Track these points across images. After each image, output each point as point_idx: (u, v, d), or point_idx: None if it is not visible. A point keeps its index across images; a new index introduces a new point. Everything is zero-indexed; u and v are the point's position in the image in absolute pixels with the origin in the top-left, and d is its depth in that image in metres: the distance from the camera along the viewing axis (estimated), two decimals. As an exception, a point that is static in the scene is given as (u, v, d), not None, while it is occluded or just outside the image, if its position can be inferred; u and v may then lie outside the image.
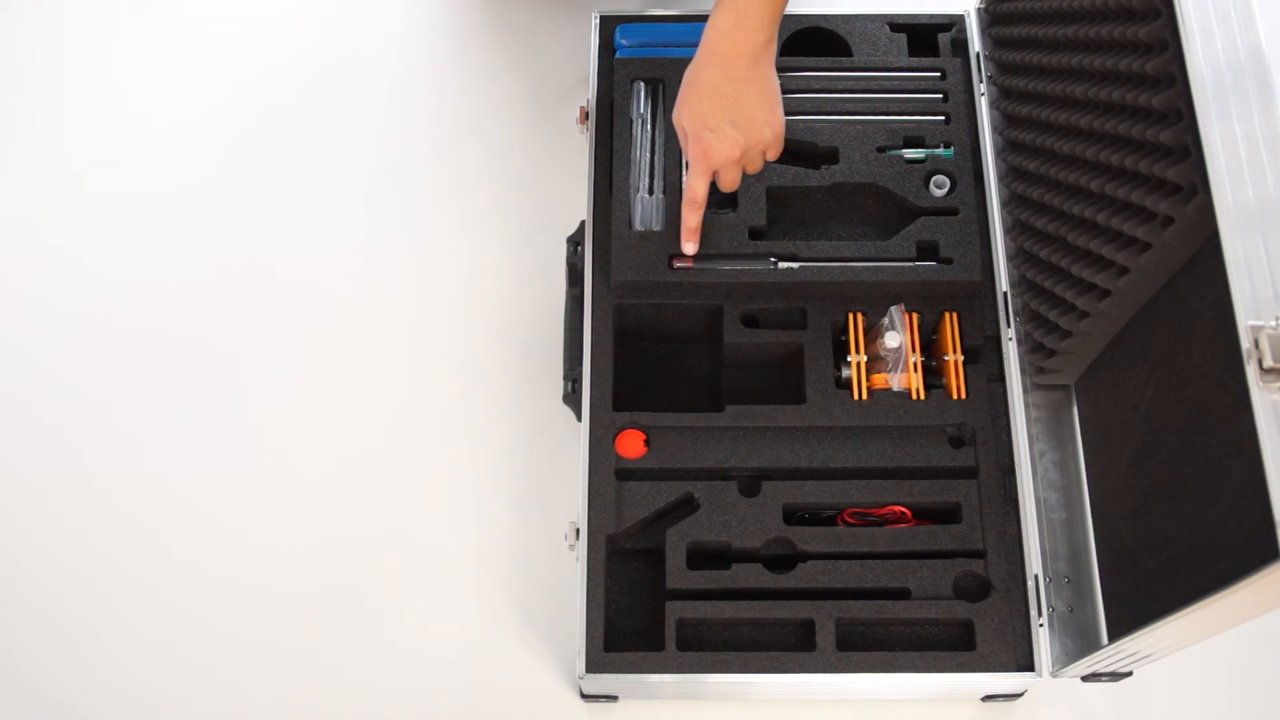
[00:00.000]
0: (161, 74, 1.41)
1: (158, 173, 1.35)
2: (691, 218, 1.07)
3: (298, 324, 1.27)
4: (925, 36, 1.24)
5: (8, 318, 1.27)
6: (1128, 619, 0.92)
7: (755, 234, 1.13)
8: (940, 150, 1.16)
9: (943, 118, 1.18)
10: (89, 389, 1.24)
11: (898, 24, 1.24)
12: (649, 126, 1.19)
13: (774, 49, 0.99)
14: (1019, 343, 1.10)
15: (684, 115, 1.02)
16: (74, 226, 1.32)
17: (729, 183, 1.06)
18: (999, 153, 1.17)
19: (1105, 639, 0.98)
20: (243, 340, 1.26)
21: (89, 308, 1.27)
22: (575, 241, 1.17)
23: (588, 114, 1.21)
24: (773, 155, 1.05)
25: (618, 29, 1.24)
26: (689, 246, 1.09)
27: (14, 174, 1.35)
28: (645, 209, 1.14)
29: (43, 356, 1.25)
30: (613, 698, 1.09)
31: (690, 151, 1.03)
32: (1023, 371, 1.10)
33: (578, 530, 1.05)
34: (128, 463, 1.20)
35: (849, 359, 1.09)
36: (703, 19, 1.24)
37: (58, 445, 1.21)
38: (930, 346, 1.14)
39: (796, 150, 1.17)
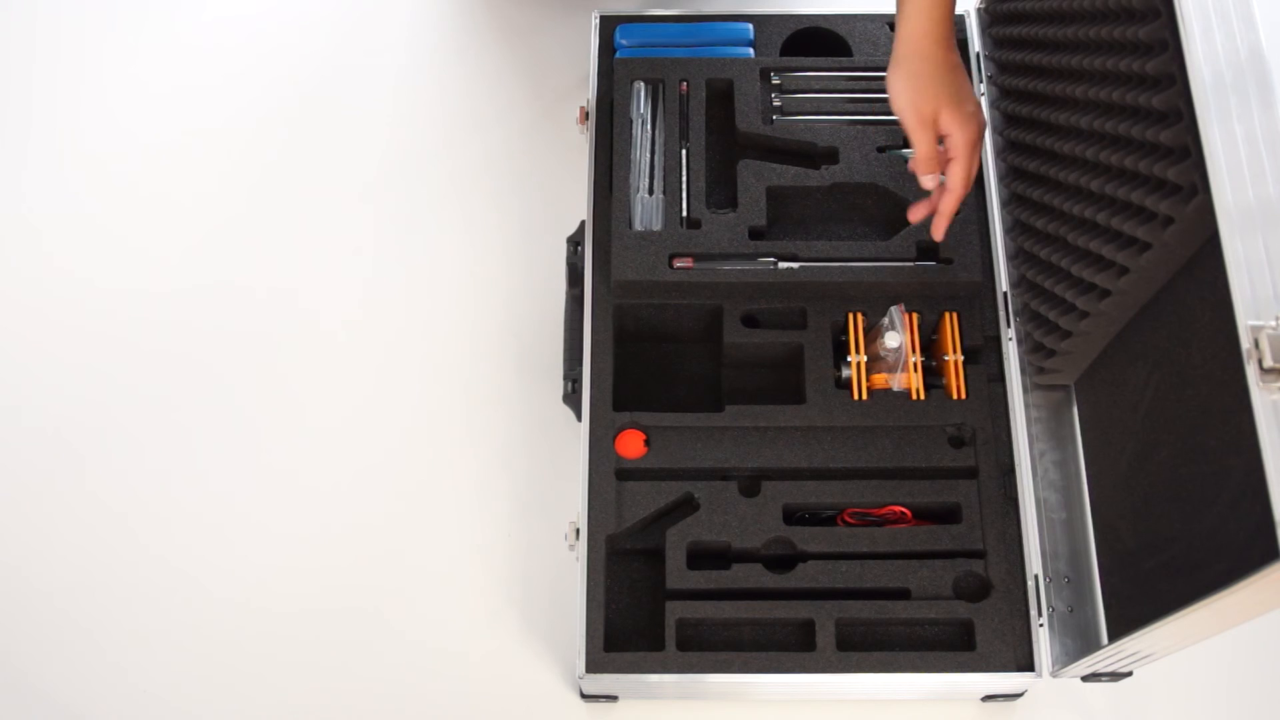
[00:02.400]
0: (160, 81, 1.40)
1: (157, 177, 1.35)
2: (957, 204, 1.04)
3: (298, 327, 1.27)
4: (925, 36, 1.24)
5: (14, 330, 1.27)
6: (1128, 619, 0.92)
7: (755, 234, 1.13)
8: (940, 150, 1.16)
9: (943, 118, 1.18)
10: (92, 399, 1.23)
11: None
12: (649, 126, 1.19)
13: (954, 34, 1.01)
14: (1019, 343, 1.10)
15: (938, 105, 0.98)
16: (76, 239, 1.32)
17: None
18: (999, 153, 1.17)
19: (1105, 639, 0.98)
20: (242, 345, 1.26)
21: (94, 320, 1.27)
22: (575, 241, 1.17)
23: (588, 114, 1.21)
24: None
25: (618, 29, 1.24)
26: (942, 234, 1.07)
27: (13, 185, 1.35)
28: (645, 209, 1.14)
29: (46, 367, 1.25)
30: (613, 698, 1.09)
31: (970, 133, 0.99)
32: (1023, 371, 1.10)
33: (578, 530, 1.05)
34: (128, 466, 1.20)
35: (849, 359, 1.09)
36: (702, 19, 1.26)
37: (62, 457, 1.21)
38: (930, 346, 1.14)
39: (796, 150, 1.17)
